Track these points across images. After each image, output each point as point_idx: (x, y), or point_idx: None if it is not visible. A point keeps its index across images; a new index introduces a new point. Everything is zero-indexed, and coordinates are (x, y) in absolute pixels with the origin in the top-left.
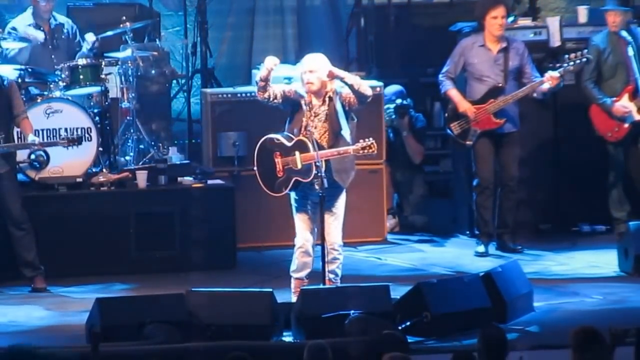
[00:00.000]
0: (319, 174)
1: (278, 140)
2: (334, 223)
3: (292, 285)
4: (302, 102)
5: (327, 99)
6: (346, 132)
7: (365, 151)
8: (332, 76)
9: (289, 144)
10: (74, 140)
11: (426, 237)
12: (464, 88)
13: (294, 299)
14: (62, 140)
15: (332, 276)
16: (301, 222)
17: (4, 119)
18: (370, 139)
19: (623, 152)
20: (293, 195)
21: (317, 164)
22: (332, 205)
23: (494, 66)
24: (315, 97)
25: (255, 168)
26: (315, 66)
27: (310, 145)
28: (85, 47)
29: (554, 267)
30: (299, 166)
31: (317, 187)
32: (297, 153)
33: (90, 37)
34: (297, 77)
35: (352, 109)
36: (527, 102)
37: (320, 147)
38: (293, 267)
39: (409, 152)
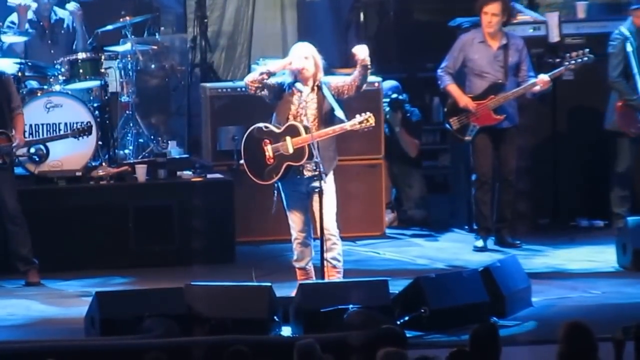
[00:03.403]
0: (316, 159)
1: (267, 127)
2: (328, 210)
3: (297, 275)
4: (291, 93)
5: (315, 87)
6: (340, 113)
7: (363, 125)
8: (364, 54)
9: (278, 130)
10: (84, 130)
11: (424, 231)
12: (462, 83)
13: None
14: (72, 131)
15: (334, 262)
16: (294, 216)
17: (3, 113)
18: (367, 112)
19: (637, 148)
20: (282, 189)
21: (313, 150)
22: (322, 193)
23: (494, 62)
24: (305, 85)
25: (242, 158)
26: (309, 53)
27: (301, 129)
28: (68, 17)
29: (552, 262)
30: (291, 151)
31: (307, 173)
32: (287, 138)
33: (71, 6)
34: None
35: (343, 98)
36: (526, 97)
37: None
38: (294, 257)
39: (404, 147)
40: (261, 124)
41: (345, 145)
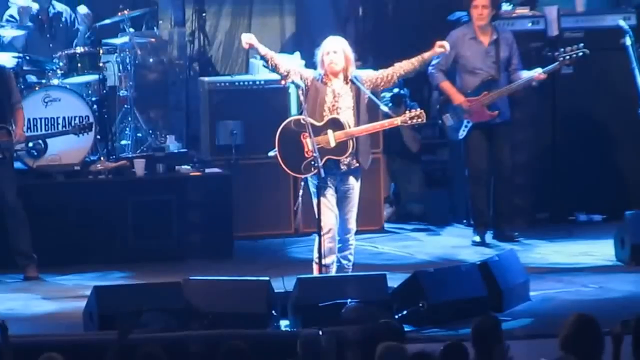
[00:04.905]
0: (314, 153)
1: (305, 120)
2: (353, 209)
3: (315, 273)
4: (324, 86)
5: (348, 81)
6: (384, 107)
7: (414, 121)
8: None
9: (319, 124)
10: (84, 127)
11: (423, 226)
12: (452, 79)
13: None
14: (73, 128)
15: (345, 262)
16: (326, 208)
17: (4, 108)
18: (418, 108)
19: None
20: (313, 182)
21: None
22: (352, 190)
23: (486, 58)
24: (336, 78)
25: (276, 151)
26: (338, 47)
27: (344, 122)
28: (80, 22)
29: (551, 256)
30: (332, 144)
31: (343, 167)
32: (329, 131)
33: (82, 9)
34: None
35: (379, 90)
36: (525, 92)
37: (343, 126)
38: (320, 254)
39: (406, 142)
40: (299, 116)
41: None
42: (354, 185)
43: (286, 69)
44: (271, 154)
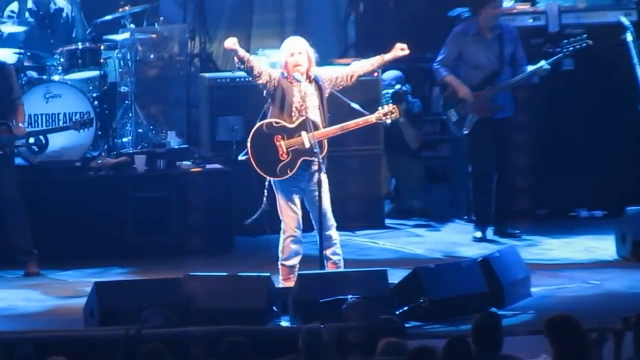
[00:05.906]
0: (315, 149)
1: (278, 123)
2: (327, 205)
3: (281, 274)
4: (290, 85)
5: (312, 80)
6: (355, 105)
7: (388, 117)
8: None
9: (291, 126)
10: (85, 122)
11: (424, 222)
12: (456, 75)
13: (281, 286)
14: (74, 124)
15: (335, 257)
16: (290, 210)
17: (5, 104)
18: (390, 104)
19: None
20: (278, 185)
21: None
22: (322, 187)
23: (490, 53)
24: (300, 78)
25: (249, 154)
26: (302, 48)
27: (318, 123)
28: (67, 7)
29: (552, 252)
30: (307, 145)
31: (314, 167)
32: (303, 133)
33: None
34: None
35: (339, 89)
36: (524, 88)
37: (317, 127)
38: (284, 255)
39: (406, 138)
40: (270, 120)
41: (345, 135)
42: (323, 181)
43: (259, 70)
44: (241, 157)
